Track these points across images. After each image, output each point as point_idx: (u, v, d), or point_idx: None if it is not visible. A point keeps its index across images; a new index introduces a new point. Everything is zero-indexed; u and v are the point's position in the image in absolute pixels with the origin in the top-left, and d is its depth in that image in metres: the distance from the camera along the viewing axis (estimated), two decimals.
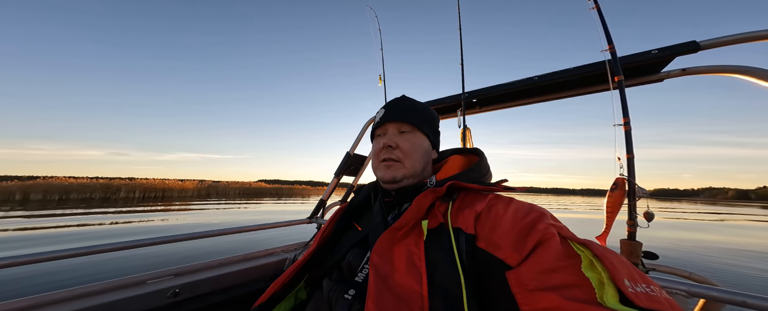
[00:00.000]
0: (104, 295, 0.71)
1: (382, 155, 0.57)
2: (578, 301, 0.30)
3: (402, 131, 0.59)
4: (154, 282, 0.80)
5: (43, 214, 8.70)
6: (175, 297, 0.80)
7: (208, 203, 15.98)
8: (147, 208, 11.43)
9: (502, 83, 1.17)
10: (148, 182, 21.89)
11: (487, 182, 0.57)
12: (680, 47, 0.84)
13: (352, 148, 1.50)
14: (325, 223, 0.64)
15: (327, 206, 1.43)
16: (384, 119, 0.60)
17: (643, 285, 0.32)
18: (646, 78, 0.97)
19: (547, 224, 0.39)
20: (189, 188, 24.33)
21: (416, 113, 0.60)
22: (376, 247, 0.44)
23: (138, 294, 0.74)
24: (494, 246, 0.39)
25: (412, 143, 0.57)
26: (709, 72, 0.83)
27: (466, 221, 0.43)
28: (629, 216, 0.81)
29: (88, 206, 12.68)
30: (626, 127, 0.88)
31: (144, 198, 19.29)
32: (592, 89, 1.07)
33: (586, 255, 0.34)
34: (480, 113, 1.39)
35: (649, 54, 0.89)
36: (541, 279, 0.33)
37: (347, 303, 0.45)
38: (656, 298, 0.30)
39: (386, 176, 0.55)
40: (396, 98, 0.65)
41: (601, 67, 0.95)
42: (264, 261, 1.05)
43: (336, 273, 0.55)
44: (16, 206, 12.21)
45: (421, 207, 0.45)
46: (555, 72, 1.05)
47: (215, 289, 0.89)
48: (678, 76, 0.91)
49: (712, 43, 0.80)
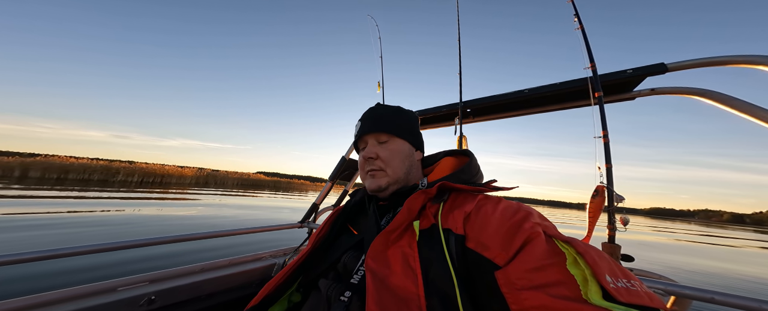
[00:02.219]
0: (70, 303, 0.65)
1: (366, 167, 0.59)
2: (564, 299, 0.31)
3: (381, 141, 0.60)
4: (125, 288, 0.73)
5: (36, 195, 8.38)
6: (149, 305, 0.74)
7: (205, 191, 15.89)
8: (143, 194, 11.23)
9: (495, 95, 1.21)
10: (147, 166, 21.87)
11: (478, 182, 0.57)
12: (650, 68, 0.89)
13: (347, 152, 1.50)
14: (321, 225, 0.64)
15: (319, 211, 1.42)
16: (361, 132, 0.62)
17: (623, 280, 0.33)
18: (620, 96, 1.03)
19: (534, 223, 0.40)
20: (188, 175, 24.26)
21: (390, 120, 0.61)
22: (371, 251, 0.44)
23: (107, 302, 0.67)
24: (483, 247, 0.39)
25: (391, 151, 0.59)
26: (675, 93, 0.88)
27: (456, 221, 0.43)
28: (609, 221, 0.87)
29: (84, 187, 12.68)
30: (605, 139, 0.94)
31: (142, 183, 19.28)
32: (575, 103, 1.14)
33: (570, 252, 0.35)
34: (477, 122, 1.42)
35: (625, 73, 0.94)
36: (529, 277, 0.33)
37: (344, 305, 0.45)
38: (636, 292, 0.32)
39: (372, 186, 0.58)
40: (370, 108, 0.65)
41: (583, 84, 1.01)
42: (250, 267, 1.00)
43: (332, 274, 0.55)
44: (13, 182, 12.21)
45: (413, 209, 0.46)
46: (543, 86, 1.10)
47: (197, 295, 0.84)
48: (647, 95, 0.97)
49: (679, 66, 0.86)
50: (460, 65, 1.43)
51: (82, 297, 0.67)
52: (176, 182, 22.54)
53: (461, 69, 1.42)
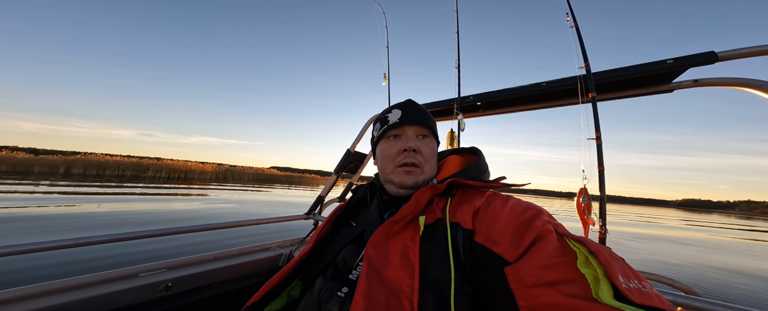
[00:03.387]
0: (95, 287, 0.70)
1: (404, 159, 0.55)
2: (574, 297, 0.31)
3: (421, 136, 0.58)
4: (146, 275, 0.78)
5: (92, 191, 9.05)
6: (167, 290, 0.78)
7: (225, 187, 16.75)
8: (175, 190, 11.93)
9: (493, 90, 1.19)
10: (173, 163, 23.37)
11: (486, 179, 0.57)
12: (697, 57, 0.82)
13: (352, 145, 1.50)
14: (323, 221, 0.65)
15: (325, 203, 1.46)
16: (403, 121, 0.58)
17: (635, 281, 0.33)
18: (655, 88, 0.96)
19: (544, 221, 0.40)
20: (208, 170, 25.67)
21: (430, 118, 0.60)
22: (372, 239, 0.44)
23: (130, 287, 0.73)
24: (492, 242, 0.39)
25: (431, 149, 0.57)
26: (724, 85, 0.80)
27: (465, 216, 0.43)
28: (600, 223, 0.88)
29: (120, 181, 13.77)
30: (598, 141, 0.92)
31: (168, 178, 20.62)
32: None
33: (582, 251, 0.35)
34: (474, 117, 1.40)
35: (664, 63, 0.87)
36: (539, 274, 0.33)
37: (340, 300, 0.45)
38: (648, 294, 0.31)
39: (408, 181, 0.54)
40: (408, 100, 0.63)
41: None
42: (259, 256, 1.04)
43: (331, 271, 0.55)
44: (59, 178, 13.45)
45: (420, 202, 0.46)
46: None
47: (209, 283, 0.88)
48: (689, 87, 0.89)
49: (731, 55, 0.78)
50: (459, 59, 1.38)
51: (107, 281, 0.73)
52: (198, 177, 23.89)
53: (460, 62, 1.37)
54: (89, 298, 0.67)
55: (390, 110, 0.62)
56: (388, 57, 1.76)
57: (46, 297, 0.64)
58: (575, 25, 1.10)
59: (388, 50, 1.79)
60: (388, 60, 1.75)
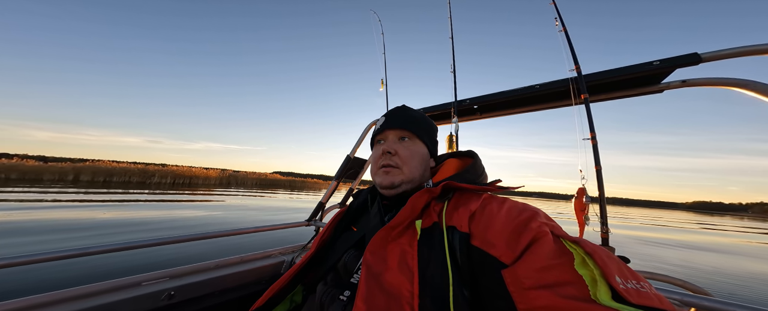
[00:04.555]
0: (98, 297, 0.69)
1: (381, 162, 0.58)
2: (573, 299, 0.31)
3: (401, 138, 0.60)
4: (148, 283, 0.78)
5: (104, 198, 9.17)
6: (169, 299, 0.78)
7: (229, 192, 16.82)
8: (181, 196, 11.90)
9: (489, 93, 1.21)
10: (178, 169, 23.66)
11: (482, 182, 0.57)
12: (681, 59, 0.84)
13: (352, 151, 1.52)
14: (324, 227, 0.66)
15: (326, 209, 1.46)
16: (384, 126, 0.61)
17: (633, 281, 0.32)
18: (645, 89, 0.98)
19: (540, 222, 0.40)
20: (212, 176, 25.88)
21: (415, 122, 0.62)
22: (370, 245, 0.44)
23: (132, 296, 0.73)
24: (489, 244, 0.39)
25: (411, 151, 0.58)
26: (711, 84, 0.82)
27: (461, 219, 0.43)
28: (601, 223, 0.88)
29: (126, 188, 13.91)
30: (593, 141, 0.93)
31: (173, 184, 20.81)
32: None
33: (579, 252, 0.35)
34: (471, 121, 1.41)
35: (651, 65, 0.89)
36: (536, 276, 0.33)
37: (342, 304, 0.45)
38: (646, 294, 0.31)
39: (384, 181, 0.56)
40: (397, 106, 0.66)
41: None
42: (261, 264, 1.04)
43: (331, 276, 0.55)
44: (68, 185, 13.70)
45: (416, 207, 0.46)
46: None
47: (211, 291, 0.88)
48: (678, 88, 0.91)
49: (714, 56, 0.80)
50: (454, 64, 1.40)
51: (109, 291, 0.72)
52: (203, 183, 24.04)
53: (455, 67, 1.39)
54: (92, 308, 0.67)
55: (381, 117, 0.65)
56: (385, 63, 1.80)
57: (48, 307, 0.63)
58: (564, 29, 1.13)
59: (384, 56, 1.83)
60: (385, 66, 1.79)
